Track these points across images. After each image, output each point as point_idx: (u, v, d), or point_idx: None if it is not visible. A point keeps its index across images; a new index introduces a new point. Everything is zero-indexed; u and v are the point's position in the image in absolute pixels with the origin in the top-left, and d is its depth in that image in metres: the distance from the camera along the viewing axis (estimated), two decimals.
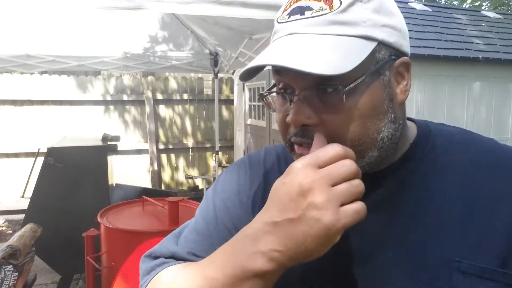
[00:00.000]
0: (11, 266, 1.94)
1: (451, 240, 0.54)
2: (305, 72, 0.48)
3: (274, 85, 0.61)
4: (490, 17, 5.33)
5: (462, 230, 0.54)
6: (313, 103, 0.54)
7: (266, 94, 0.62)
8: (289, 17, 0.55)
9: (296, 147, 0.57)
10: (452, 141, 0.62)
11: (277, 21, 0.58)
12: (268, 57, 0.53)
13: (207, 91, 6.20)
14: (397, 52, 0.56)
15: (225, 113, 6.32)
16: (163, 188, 6.02)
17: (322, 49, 0.51)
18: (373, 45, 0.53)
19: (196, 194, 5.83)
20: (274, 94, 0.61)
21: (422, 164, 0.60)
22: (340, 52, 0.51)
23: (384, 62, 0.54)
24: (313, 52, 0.51)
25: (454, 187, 0.57)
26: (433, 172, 0.59)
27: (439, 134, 0.63)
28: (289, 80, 0.55)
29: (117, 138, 4.13)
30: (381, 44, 0.54)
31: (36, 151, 3.85)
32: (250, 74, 0.57)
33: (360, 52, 0.52)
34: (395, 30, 0.56)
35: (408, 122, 0.65)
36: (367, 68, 0.53)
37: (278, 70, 0.56)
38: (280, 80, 0.57)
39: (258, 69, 0.57)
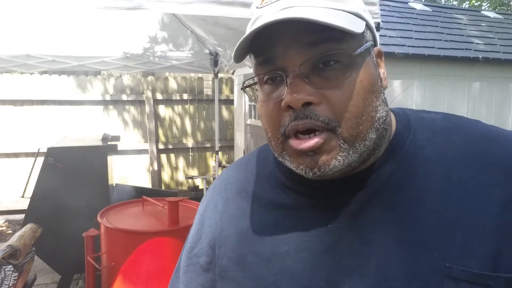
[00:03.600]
0: (11, 266, 1.94)
1: (440, 244, 0.50)
2: (328, 24, 0.46)
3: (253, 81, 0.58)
4: (490, 17, 5.33)
5: (450, 231, 0.50)
6: (312, 80, 0.51)
7: (251, 84, 0.57)
8: None
9: (293, 141, 0.52)
10: (435, 130, 0.58)
11: (256, 7, 0.55)
12: (275, 17, 0.48)
13: (207, 91, 6.19)
14: (374, 39, 0.58)
15: (225, 113, 6.31)
16: (163, 188, 6.02)
17: (327, 14, 0.49)
18: (363, 23, 0.54)
19: (196, 194, 5.83)
20: (260, 83, 0.56)
21: (404, 161, 0.56)
22: (345, 19, 0.50)
23: (370, 44, 0.55)
24: (321, 15, 0.48)
25: (439, 183, 0.53)
26: (416, 168, 0.55)
27: (419, 124, 0.59)
28: (283, 60, 0.52)
29: (117, 138, 4.13)
30: (366, 25, 0.55)
31: (36, 151, 3.84)
32: (243, 53, 0.55)
33: (359, 24, 0.52)
34: (371, 17, 0.57)
35: None
36: (361, 43, 0.53)
37: (268, 56, 0.53)
38: (268, 66, 0.54)
39: (246, 52, 0.55)
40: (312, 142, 0.51)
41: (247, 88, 0.58)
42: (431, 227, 0.51)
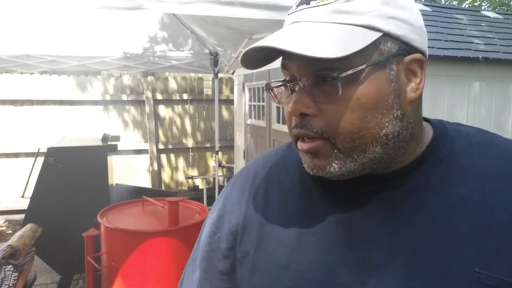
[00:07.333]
0: (11, 266, 1.94)
1: (470, 249, 0.51)
2: (295, 53, 0.48)
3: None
4: (490, 17, 5.32)
5: (482, 238, 0.51)
6: (313, 93, 0.53)
7: (272, 86, 0.61)
8: (296, 7, 0.56)
9: (298, 142, 0.57)
10: (471, 142, 0.59)
11: (287, 14, 0.58)
12: (264, 41, 0.53)
13: (207, 91, 6.19)
14: (408, 48, 0.55)
15: (225, 113, 6.31)
16: (163, 188, 6.02)
17: (320, 35, 0.51)
18: (376, 35, 0.52)
19: (196, 194, 5.83)
20: (281, 87, 0.60)
21: (439, 167, 0.57)
22: (339, 38, 0.50)
23: (390, 55, 0.53)
24: (311, 38, 0.51)
25: (474, 192, 0.54)
26: (451, 176, 0.56)
27: (456, 135, 0.60)
28: (292, 70, 0.55)
29: (117, 138, 4.13)
30: (387, 36, 0.52)
31: (36, 151, 3.85)
32: (253, 63, 0.58)
33: (360, 40, 0.51)
34: (406, 23, 0.54)
35: (424, 123, 0.62)
36: (369, 58, 0.52)
37: (284, 63, 0.56)
38: (286, 71, 0.57)
39: (262, 61, 0.58)
40: (307, 145, 0.55)
41: (270, 89, 0.61)
42: (463, 232, 0.52)
